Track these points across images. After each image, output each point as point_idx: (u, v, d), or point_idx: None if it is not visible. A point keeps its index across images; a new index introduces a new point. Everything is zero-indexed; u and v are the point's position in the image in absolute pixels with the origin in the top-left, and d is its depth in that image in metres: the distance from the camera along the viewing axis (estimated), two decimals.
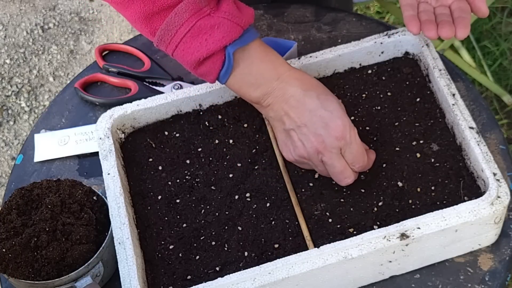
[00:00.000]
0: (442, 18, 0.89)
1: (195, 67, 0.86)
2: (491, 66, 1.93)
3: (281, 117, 0.88)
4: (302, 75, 0.89)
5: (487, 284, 0.88)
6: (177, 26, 0.84)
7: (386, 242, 0.83)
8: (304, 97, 0.87)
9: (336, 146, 0.85)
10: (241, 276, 0.82)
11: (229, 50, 0.85)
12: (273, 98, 0.88)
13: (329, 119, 0.85)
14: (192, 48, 0.85)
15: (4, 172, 2.01)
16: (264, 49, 0.89)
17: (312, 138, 0.86)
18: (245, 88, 0.88)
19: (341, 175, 0.87)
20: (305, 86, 0.88)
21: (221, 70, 0.86)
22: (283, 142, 0.90)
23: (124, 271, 0.84)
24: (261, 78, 0.88)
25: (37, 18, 2.28)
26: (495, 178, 0.86)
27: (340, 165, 0.86)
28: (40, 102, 2.12)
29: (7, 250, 0.85)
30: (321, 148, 0.85)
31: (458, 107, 0.92)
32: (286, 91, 0.87)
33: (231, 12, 0.85)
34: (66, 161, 1.06)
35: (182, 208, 0.93)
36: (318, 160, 0.87)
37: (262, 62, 0.88)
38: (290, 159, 0.90)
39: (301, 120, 0.86)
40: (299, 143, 0.87)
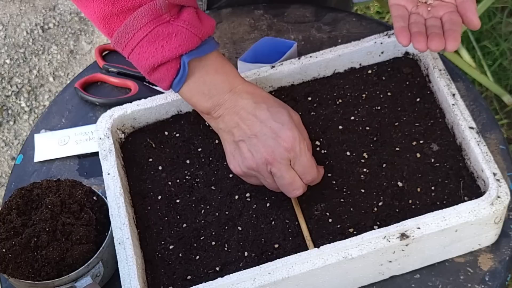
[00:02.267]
0: (433, 30, 0.88)
1: (149, 72, 0.86)
2: (491, 66, 1.93)
3: (231, 129, 0.87)
4: (255, 89, 0.89)
5: (487, 284, 0.88)
6: (134, 30, 0.83)
7: (386, 242, 0.83)
8: (255, 109, 0.86)
9: (285, 157, 0.84)
10: (241, 276, 0.82)
11: (185, 59, 0.84)
12: (224, 109, 0.87)
13: (279, 130, 0.85)
14: (148, 53, 0.84)
15: (4, 172, 2.01)
16: (220, 61, 0.88)
17: (262, 148, 0.84)
18: (197, 97, 0.87)
19: (290, 187, 0.86)
20: (256, 99, 0.87)
21: (175, 78, 0.86)
22: (231, 154, 0.88)
23: (124, 271, 0.84)
24: (214, 89, 0.87)
25: (37, 18, 2.28)
26: (495, 178, 0.86)
27: (289, 177, 0.85)
28: (40, 102, 2.12)
29: (7, 250, 0.85)
30: (270, 158, 0.84)
31: (458, 107, 0.92)
32: (237, 103, 0.86)
33: (191, 22, 0.84)
34: (66, 161, 1.06)
35: (182, 208, 0.93)
36: (266, 172, 0.86)
37: (216, 74, 0.87)
38: (237, 172, 0.88)
39: (251, 131, 0.85)
40: (248, 154, 0.86)
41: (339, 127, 0.97)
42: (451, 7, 0.90)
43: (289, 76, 1.01)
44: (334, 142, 0.95)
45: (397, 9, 0.92)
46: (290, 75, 1.00)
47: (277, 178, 0.86)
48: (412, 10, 0.92)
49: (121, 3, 0.83)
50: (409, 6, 0.92)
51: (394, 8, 0.92)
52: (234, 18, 1.18)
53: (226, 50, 1.14)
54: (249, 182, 0.90)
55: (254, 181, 0.89)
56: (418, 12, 0.92)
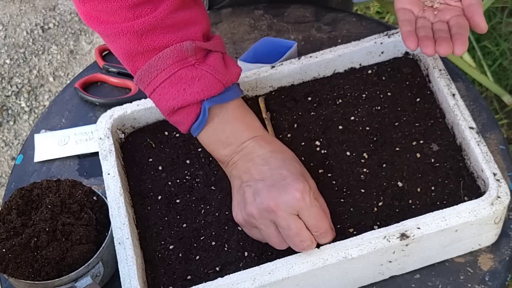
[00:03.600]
0: (440, 34, 0.87)
1: (169, 114, 0.85)
2: (491, 66, 1.93)
3: (241, 174, 0.85)
4: (274, 140, 0.88)
5: (487, 284, 0.88)
6: (158, 70, 0.83)
7: (386, 242, 0.83)
8: (270, 157, 0.84)
9: (293, 206, 0.80)
10: (241, 276, 0.82)
11: (206, 105, 0.83)
12: (240, 156, 0.85)
13: (289, 178, 0.81)
14: (169, 95, 0.83)
15: (4, 172, 2.01)
16: (242, 110, 0.87)
17: (266, 193, 0.81)
18: (215, 144, 0.86)
19: (296, 238, 0.80)
20: (274, 148, 0.85)
21: (194, 122, 0.85)
22: (236, 201, 0.85)
23: (124, 271, 0.84)
24: (233, 137, 0.86)
25: (37, 18, 2.28)
26: (495, 178, 0.86)
27: (296, 227, 0.80)
28: (40, 102, 2.12)
29: (7, 250, 0.85)
30: (274, 205, 0.80)
31: (458, 107, 0.92)
32: (254, 150, 0.85)
33: (216, 68, 0.83)
34: (66, 161, 1.06)
35: (182, 208, 0.93)
36: (268, 220, 0.81)
37: (237, 122, 0.86)
38: (238, 220, 0.85)
39: (260, 175, 0.83)
40: (250, 199, 0.82)
41: (339, 127, 0.96)
42: (457, 11, 0.90)
43: (289, 76, 1.01)
44: (334, 142, 0.95)
45: (403, 13, 0.91)
46: (290, 75, 1.00)
47: (281, 229, 0.81)
48: (418, 14, 0.91)
49: (147, 42, 0.82)
50: (416, 10, 0.92)
51: (400, 12, 0.92)
52: (234, 18, 1.18)
53: (226, 50, 1.14)
54: (251, 235, 0.86)
55: (256, 234, 0.85)
56: (424, 16, 0.91)
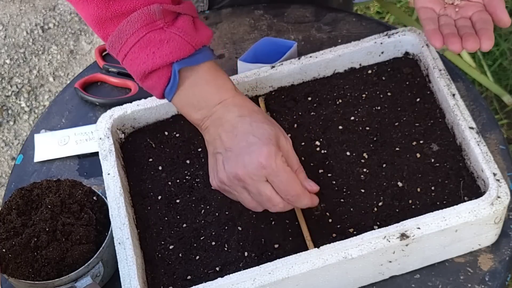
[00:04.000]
0: (465, 30, 0.87)
1: (141, 79, 0.85)
2: (491, 66, 1.93)
3: (213, 141, 0.85)
4: (244, 102, 0.86)
5: (487, 284, 0.88)
6: (127, 35, 0.82)
7: (386, 242, 0.83)
8: (238, 122, 0.83)
9: (259, 173, 0.81)
10: (241, 276, 0.82)
11: (175, 67, 0.83)
12: (211, 121, 0.85)
13: (255, 145, 0.81)
14: (139, 59, 0.83)
15: (4, 172, 2.01)
16: (213, 72, 0.86)
17: (234, 162, 0.82)
18: (187, 108, 0.86)
19: (268, 203, 0.82)
20: (242, 112, 0.84)
21: (166, 87, 0.84)
22: (211, 167, 0.86)
23: (124, 271, 0.84)
24: (203, 101, 0.85)
25: (37, 18, 2.28)
26: (495, 178, 0.86)
27: (266, 193, 0.81)
28: (40, 102, 2.12)
29: (7, 250, 0.85)
30: (241, 173, 0.81)
31: (458, 107, 0.92)
32: (223, 115, 0.84)
33: (185, 30, 0.83)
34: (66, 161, 1.06)
35: (182, 208, 0.93)
36: (239, 187, 0.83)
37: (207, 85, 0.85)
38: (213, 185, 0.86)
39: (229, 143, 0.83)
40: (221, 167, 0.83)
41: (339, 127, 0.96)
42: (479, 7, 0.89)
43: (289, 76, 1.01)
44: (334, 142, 0.95)
45: (425, 12, 0.91)
46: (290, 75, 1.00)
47: (253, 195, 0.83)
48: (440, 12, 0.91)
49: (115, 7, 0.82)
50: (437, 8, 0.91)
51: (422, 11, 0.91)
52: (234, 18, 1.18)
53: (226, 50, 1.14)
54: (229, 197, 0.87)
55: (234, 197, 0.86)
56: (446, 14, 0.91)
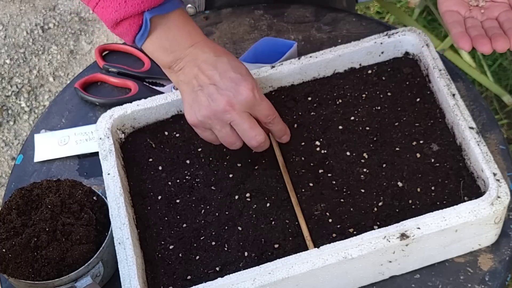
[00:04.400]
0: (493, 31, 0.87)
1: (113, 26, 0.88)
2: (491, 66, 1.93)
3: (190, 80, 0.89)
4: (215, 45, 0.92)
5: (487, 284, 0.88)
6: None
7: (386, 242, 0.83)
8: (215, 61, 0.88)
9: (244, 104, 0.87)
10: (241, 276, 0.82)
11: (147, 16, 0.87)
12: (185, 62, 0.89)
13: (238, 79, 0.87)
14: (111, 8, 0.86)
15: (4, 172, 2.01)
16: (183, 19, 0.91)
17: (220, 96, 0.87)
18: (159, 52, 0.90)
19: (251, 131, 0.88)
20: (217, 53, 0.90)
21: (137, 33, 0.88)
22: (189, 104, 0.89)
23: (124, 271, 0.84)
24: (176, 44, 0.89)
25: (37, 18, 2.28)
26: (495, 178, 0.86)
27: (249, 122, 0.87)
28: (40, 102, 2.12)
29: (7, 250, 0.85)
30: (229, 106, 0.86)
31: (458, 107, 0.92)
32: (198, 56, 0.89)
33: None
34: (66, 161, 1.06)
35: (182, 208, 0.93)
36: (223, 121, 0.87)
37: (178, 30, 0.90)
38: (193, 121, 0.90)
39: (210, 80, 0.87)
40: (205, 102, 0.87)
41: (339, 127, 0.97)
42: (505, 7, 0.89)
43: (289, 76, 1.01)
44: (334, 142, 0.95)
45: (451, 15, 0.91)
46: (290, 75, 1.00)
47: (236, 125, 0.87)
48: (466, 15, 0.91)
49: None
50: (462, 11, 0.91)
51: (447, 14, 0.91)
52: (234, 18, 1.18)
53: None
54: (203, 136, 0.92)
55: (208, 135, 0.91)
56: (472, 16, 0.90)
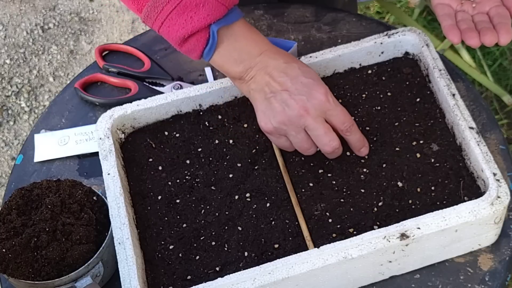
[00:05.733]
0: (483, 25, 0.88)
1: (180, 43, 0.88)
2: (491, 66, 1.93)
3: (262, 88, 0.89)
4: (283, 51, 0.92)
5: (487, 284, 0.88)
6: (163, 3, 0.86)
7: (386, 242, 0.83)
8: (286, 68, 0.89)
9: (319, 109, 0.87)
10: (241, 276, 0.82)
11: (213, 28, 0.87)
12: (256, 70, 0.90)
13: (311, 85, 0.87)
14: (178, 25, 0.86)
15: (4, 172, 2.01)
16: (247, 28, 0.91)
17: (294, 102, 0.87)
18: (229, 64, 0.90)
19: (325, 137, 0.87)
20: (286, 59, 0.90)
21: (205, 48, 0.88)
22: (262, 112, 0.89)
23: (124, 271, 0.84)
24: (244, 53, 0.90)
25: (37, 18, 2.28)
26: (495, 178, 0.86)
27: (324, 127, 0.87)
28: (40, 102, 2.12)
29: (7, 250, 0.85)
30: (303, 111, 0.86)
31: (458, 107, 0.92)
32: (268, 63, 0.89)
33: None
34: (66, 161, 1.06)
35: (182, 208, 0.93)
36: (298, 126, 0.87)
37: (245, 39, 0.90)
38: (268, 128, 0.89)
39: (283, 86, 0.88)
40: (279, 108, 0.87)
41: None
42: (496, 2, 0.90)
43: None
44: None
45: (442, 8, 0.92)
46: None
47: (311, 131, 0.87)
48: (457, 8, 0.92)
49: None
50: (454, 4, 0.92)
51: (439, 7, 0.92)
52: None
53: None
54: (277, 143, 0.91)
55: (283, 142, 0.90)
56: (463, 10, 0.92)
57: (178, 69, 1.12)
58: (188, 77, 1.12)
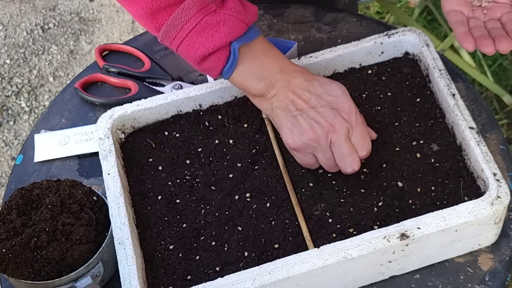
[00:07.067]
0: (496, 32, 0.87)
1: (199, 62, 0.88)
2: (491, 66, 1.93)
3: (286, 105, 0.89)
4: (303, 69, 0.92)
5: (487, 284, 0.88)
6: (183, 22, 0.85)
7: (386, 242, 0.83)
8: (308, 86, 0.89)
9: (345, 126, 0.87)
10: (241, 276, 0.82)
11: (234, 46, 0.87)
12: (277, 89, 0.90)
13: (335, 102, 0.88)
14: (198, 43, 0.86)
15: (4, 172, 2.01)
16: (267, 45, 0.91)
17: (321, 119, 0.87)
18: (249, 81, 0.90)
19: (348, 158, 0.87)
20: (307, 77, 0.90)
21: (225, 65, 0.88)
22: (289, 129, 0.89)
23: (124, 271, 0.84)
24: (265, 71, 0.90)
25: (37, 18, 2.28)
26: (495, 178, 0.86)
27: (348, 147, 0.87)
28: (40, 102, 2.12)
29: (7, 250, 0.85)
30: (331, 127, 0.87)
31: (458, 107, 0.92)
32: (289, 82, 0.89)
33: (237, 9, 0.87)
34: (66, 161, 1.06)
35: (182, 208, 0.93)
36: (326, 143, 0.87)
37: (265, 57, 0.90)
38: (297, 145, 0.89)
39: (308, 105, 0.88)
40: (307, 126, 0.87)
41: None
42: (507, 7, 0.90)
43: None
44: None
45: (454, 15, 0.91)
46: None
47: (335, 148, 0.87)
48: (469, 15, 0.91)
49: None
50: (466, 11, 0.91)
51: (451, 14, 0.92)
52: None
53: None
54: (303, 160, 0.91)
55: (309, 159, 0.90)
56: (475, 16, 0.91)
57: (178, 69, 1.12)
58: (188, 77, 1.12)
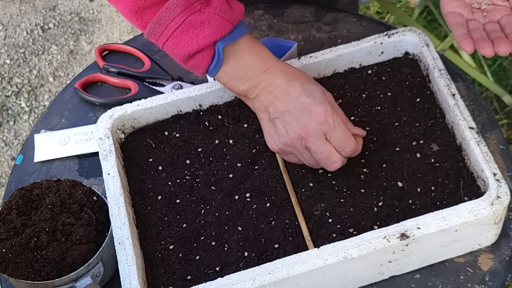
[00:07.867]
0: (495, 34, 0.87)
1: (185, 60, 0.88)
2: (491, 66, 1.93)
3: (266, 107, 0.89)
4: (288, 68, 0.91)
5: (487, 284, 0.88)
6: (168, 20, 0.85)
7: (386, 242, 0.83)
8: (288, 86, 0.88)
9: (319, 131, 0.86)
10: (241, 276, 0.82)
11: (219, 46, 0.87)
12: (260, 89, 0.90)
13: (311, 104, 0.87)
14: (183, 42, 0.86)
15: (4, 172, 2.01)
16: (252, 43, 0.91)
17: (295, 124, 0.87)
18: (234, 81, 0.90)
19: (327, 160, 0.87)
20: (290, 76, 0.89)
21: (210, 64, 0.88)
22: (268, 132, 0.90)
23: (124, 271, 0.84)
24: (249, 71, 0.89)
25: (37, 18, 2.28)
26: (495, 178, 0.86)
27: (326, 150, 0.87)
28: (40, 102, 2.12)
29: (7, 250, 0.85)
30: (304, 133, 0.86)
31: (458, 107, 0.92)
32: (272, 82, 0.89)
33: (222, 8, 0.86)
34: (66, 161, 1.06)
35: (182, 208, 0.93)
36: (302, 147, 0.88)
37: (250, 56, 0.89)
38: (274, 149, 0.91)
39: (285, 107, 0.88)
40: (282, 131, 0.88)
41: None
42: (507, 10, 0.90)
43: None
44: None
45: (453, 17, 0.91)
46: None
47: (313, 153, 0.87)
48: (468, 17, 0.91)
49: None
50: (465, 13, 0.91)
51: (450, 16, 0.91)
52: None
53: None
54: (288, 160, 0.92)
55: (293, 159, 0.91)
56: (474, 18, 0.91)
57: (178, 69, 1.12)
58: (188, 77, 1.12)
